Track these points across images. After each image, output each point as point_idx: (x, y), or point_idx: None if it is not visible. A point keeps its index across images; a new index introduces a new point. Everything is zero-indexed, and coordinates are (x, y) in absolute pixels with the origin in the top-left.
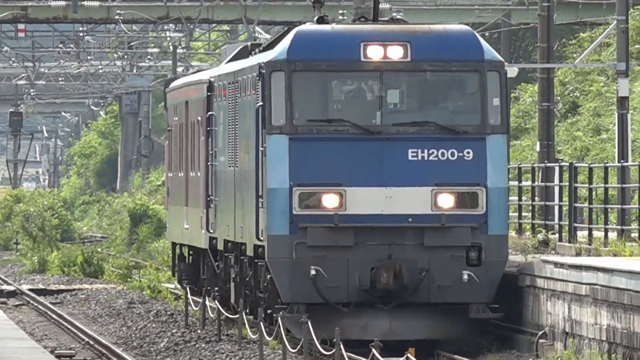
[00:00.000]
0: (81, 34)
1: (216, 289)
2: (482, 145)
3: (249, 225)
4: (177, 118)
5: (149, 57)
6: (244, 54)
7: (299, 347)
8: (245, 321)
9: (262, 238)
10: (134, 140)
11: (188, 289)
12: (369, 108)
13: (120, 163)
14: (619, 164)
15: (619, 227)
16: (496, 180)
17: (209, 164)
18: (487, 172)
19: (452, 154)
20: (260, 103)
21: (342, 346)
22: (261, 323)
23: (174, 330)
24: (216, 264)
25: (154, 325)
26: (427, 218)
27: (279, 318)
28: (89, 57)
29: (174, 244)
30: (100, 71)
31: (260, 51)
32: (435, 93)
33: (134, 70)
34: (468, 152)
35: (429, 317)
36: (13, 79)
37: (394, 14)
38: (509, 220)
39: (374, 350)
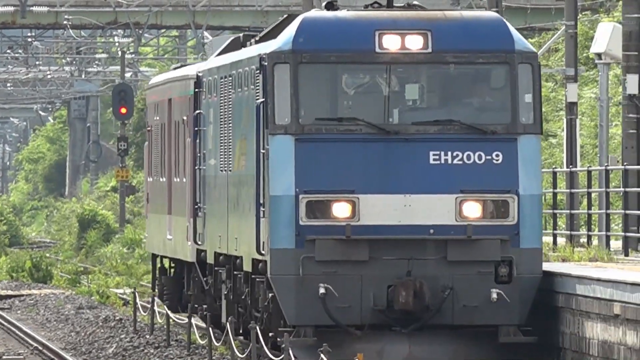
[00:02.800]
0: (29, 40)
1: (204, 306)
2: (513, 147)
3: (247, 237)
4: (158, 117)
5: (97, 62)
6: (235, 45)
7: (246, 352)
8: (194, 326)
9: (263, 252)
10: (82, 146)
11: (137, 294)
12: (385, 105)
13: (69, 168)
14: (568, 169)
15: (568, 232)
16: (529, 187)
17: (196, 167)
18: (518, 178)
19: (479, 157)
20: (262, 99)
21: None
22: (210, 328)
23: (122, 336)
24: (204, 279)
25: (102, 330)
26: (451, 229)
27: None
28: (37, 63)
29: (154, 256)
30: (49, 76)
31: (257, 41)
32: (460, 88)
33: (82, 76)
34: (497, 155)
35: (454, 341)
36: None
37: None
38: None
39: None
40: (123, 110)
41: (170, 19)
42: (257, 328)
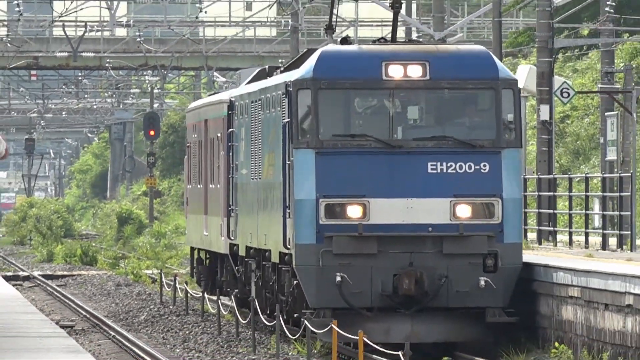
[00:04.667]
0: (80, 78)
1: (236, 290)
2: (497, 158)
3: (275, 234)
4: (195, 135)
5: (132, 95)
6: (262, 75)
7: (248, 319)
8: (207, 298)
9: (289, 246)
10: (120, 160)
11: (163, 274)
12: (390, 123)
13: (110, 177)
14: None
15: None
16: (511, 192)
17: (229, 176)
18: (502, 184)
19: (470, 167)
20: (287, 119)
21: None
22: (219, 300)
23: (151, 307)
24: (236, 268)
25: (135, 302)
26: (446, 227)
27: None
28: (85, 96)
29: (192, 249)
30: (94, 106)
31: (281, 72)
32: (453, 109)
33: (120, 106)
34: (484, 165)
35: (448, 321)
36: (27, 113)
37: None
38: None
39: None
40: (152, 133)
41: (188, 62)
42: (279, 307)
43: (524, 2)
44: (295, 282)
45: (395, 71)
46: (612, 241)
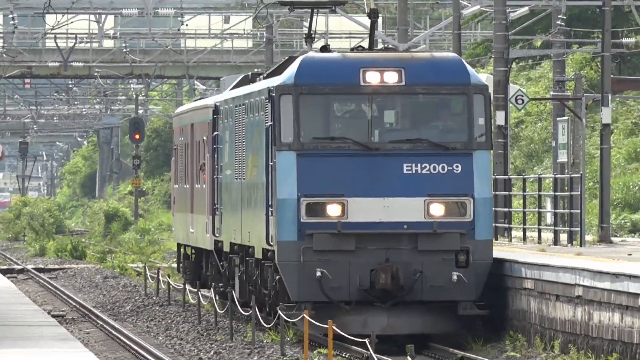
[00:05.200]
0: (70, 86)
1: (220, 284)
2: (469, 160)
3: (258, 231)
4: (182, 138)
5: (118, 102)
6: (245, 81)
7: (225, 308)
8: (187, 290)
9: (272, 243)
10: (107, 162)
11: (147, 268)
12: (367, 127)
13: (98, 178)
14: None
15: None
16: (482, 191)
17: (214, 177)
18: (474, 184)
19: (443, 168)
20: (270, 123)
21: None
22: (199, 292)
23: (136, 297)
24: (220, 263)
25: (122, 293)
26: (420, 225)
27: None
28: (75, 102)
29: (179, 245)
30: (84, 112)
31: (264, 78)
32: (427, 113)
33: (108, 112)
34: (457, 166)
35: (423, 313)
36: (21, 118)
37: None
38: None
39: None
40: (137, 137)
41: (171, 71)
42: (254, 299)
43: (482, 16)
44: (277, 277)
45: (372, 77)
46: (563, 237)
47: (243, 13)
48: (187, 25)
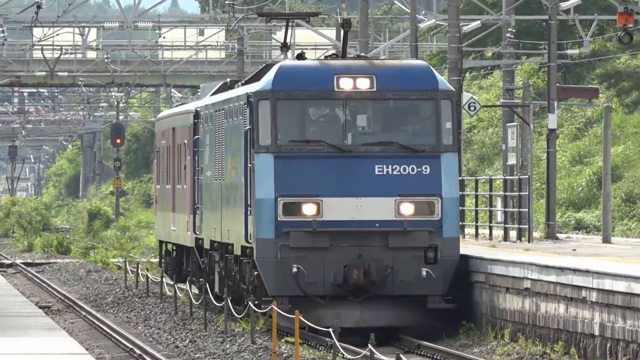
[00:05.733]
0: (56, 94)
1: (201, 279)
2: (437, 161)
3: (237, 229)
4: (164, 142)
5: (100, 109)
6: (224, 88)
7: (200, 300)
8: (165, 284)
9: (250, 240)
10: (90, 164)
11: (127, 262)
12: (341, 130)
13: (82, 179)
14: None
15: None
16: (449, 192)
17: (195, 178)
18: (442, 185)
19: (412, 169)
20: (249, 127)
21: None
22: (176, 285)
23: (117, 290)
24: (201, 259)
25: (103, 286)
26: (391, 223)
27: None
28: (61, 109)
29: (160, 242)
30: (69, 118)
31: (242, 84)
32: (397, 118)
33: (91, 118)
34: (426, 168)
35: (394, 307)
36: (10, 124)
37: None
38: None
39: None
40: (118, 141)
41: (149, 80)
42: (227, 290)
43: (437, 29)
44: (255, 272)
45: (345, 83)
46: (513, 234)
47: (216, 26)
48: (164, 37)
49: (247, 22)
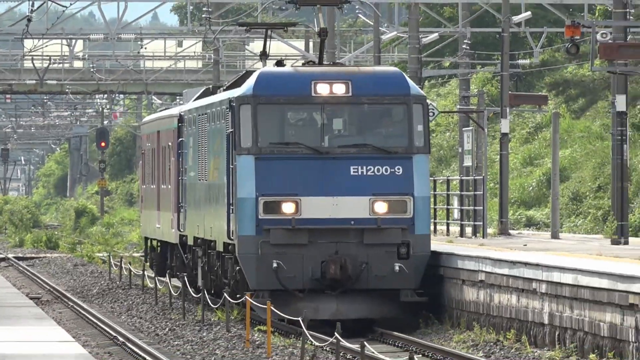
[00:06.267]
0: (45, 100)
1: (185, 274)
2: (409, 162)
3: (220, 227)
4: (149, 144)
5: (86, 114)
6: (206, 93)
7: (179, 291)
8: (146, 276)
9: (232, 237)
10: (77, 166)
11: (111, 257)
12: (318, 133)
13: (69, 179)
14: None
15: None
16: (421, 191)
17: (179, 178)
18: (414, 184)
19: (386, 170)
20: (231, 130)
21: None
22: (156, 278)
23: (102, 282)
24: (185, 255)
25: (89, 279)
26: (366, 221)
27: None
28: (50, 115)
29: (146, 239)
30: (57, 123)
31: (224, 90)
32: (371, 121)
33: (77, 123)
34: (398, 168)
35: (368, 300)
36: (3, 128)
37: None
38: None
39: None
40: (102, 144)
41: (132, 88)
42: (203, 283)
43: (398, 40)
44: (237, 267)
45: (322, 89)
46: (468, 230)
47: (194, 38)
48: (145, 48)
49: (222, 34)
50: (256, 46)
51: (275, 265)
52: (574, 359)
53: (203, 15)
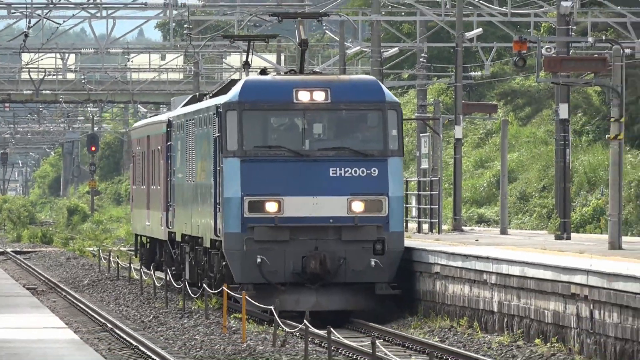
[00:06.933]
0: (41, 109)
1: (173, 268)
2: (384, 165)
3: (207, 224)
4: (139, 148)
5: (78, 121)
6: (193, 100)
7: (162, 282)
8: (132, 269)
9: (219, 234)
10: (70, 168)
11: (100, 251)
12: (299, 137)
13: (62, 181)
14: None
15: None
16: (395, 191)
17: (168, 179)
18: (388, 185)
19: (362, 172)
20: (218, 134)
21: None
22: (142, 270)
23: (92, 274)
24: (173, 250)
25: (81, 271)
26: (344, 219)
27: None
28: (45, 122)
29: (136, 235)
30: (51, 129)
31: (210, 97)
32: (349, 126)
33: (70, 129)
34: (374, 170)
35: (346, 293)
36: (2, 134)
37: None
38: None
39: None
40: (93, 149)
41: (119, 97)
42: (184, 274)
43: (362, 54)
44: (224, 262)
45: (303, 96)
46: (425, 227)
47: (176, 52)
48: (132, 61)
49: (202, 48)
50: (233, 59)
51: (259, 260)
52: (521, 344)
53: (184, 32)
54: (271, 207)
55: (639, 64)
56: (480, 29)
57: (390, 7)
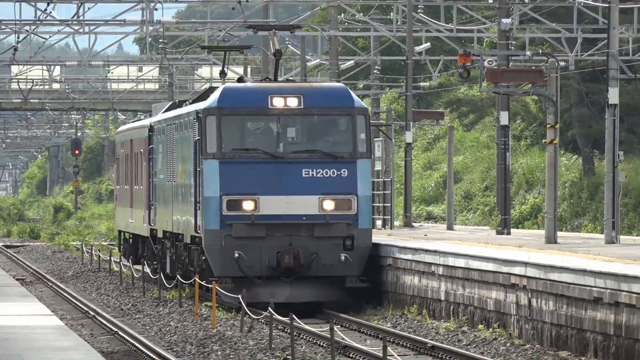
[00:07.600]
0: (29, 116)
1: (154, 262)
2: (353, 166)
3: (187, 222)
4: (123, 150)
5: (63, 127)
6: (173, 106)
7: (140, 273)
8: (112, 261)
9: (199, 231)
10: (55, 170)
11: (83, 245)
12: (274, 140)
13: (49, 181)
14: None
15: None
16: (364, 191)
17: (150, 180)
18: (357, 185)
19: (333, 173)
20: (198, 137)
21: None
22: (121, 262)
23: (76, 266)
24: (155, 246)
25: (65, 263)
26: (316, 217)
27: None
28: (32, 128)
29: (120, 232)
30: (39, 135)
31: (190, 103)
32: (320, 130)
33: (56, 134)
34: (344, 171)
35: (318, 286)
36: None
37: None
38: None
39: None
40: (76, 152)
41: (100, 105)
42: (160, 266)
43: (321, 66)
44: (203, 257)
45: (278, 102)
46: (379, 223)
47: (152, 64)
48: (112, 72)
49: (175, 61)
50: (204, 71)
51: (236, 255)
52: (465, 329)
53: (160, 46)
54: (248, 205)
55: (572, 75)
56: (429, 44)
57: (346, 23)
